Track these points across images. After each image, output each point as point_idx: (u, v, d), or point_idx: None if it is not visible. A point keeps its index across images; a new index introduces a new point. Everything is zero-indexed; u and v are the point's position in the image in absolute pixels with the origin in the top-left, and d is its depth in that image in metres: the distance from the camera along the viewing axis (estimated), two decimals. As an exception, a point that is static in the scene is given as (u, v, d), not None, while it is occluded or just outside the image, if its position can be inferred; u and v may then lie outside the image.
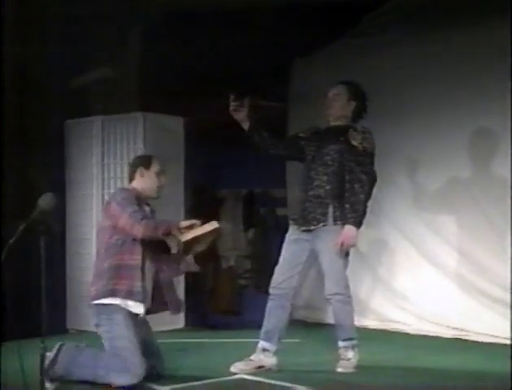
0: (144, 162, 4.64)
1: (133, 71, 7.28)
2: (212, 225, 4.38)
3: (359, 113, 4.84)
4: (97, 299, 4.32)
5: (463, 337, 6.10)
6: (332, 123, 4.84)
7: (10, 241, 3.52)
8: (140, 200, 4.51)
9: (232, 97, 4.71)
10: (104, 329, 4.29)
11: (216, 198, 9.40)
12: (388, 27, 6.85)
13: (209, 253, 9.24)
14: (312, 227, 4.68)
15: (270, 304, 4.78)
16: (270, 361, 4.74)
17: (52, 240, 4.13)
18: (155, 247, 4.40)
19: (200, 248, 4.48)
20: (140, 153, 6.74)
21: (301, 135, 4.95)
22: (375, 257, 6.96)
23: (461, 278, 6.25)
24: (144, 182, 4.57)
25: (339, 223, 4.62)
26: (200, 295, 8.74)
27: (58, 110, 6.73)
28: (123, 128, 6.82)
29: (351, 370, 4.65)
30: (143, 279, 4.36)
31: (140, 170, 4.58)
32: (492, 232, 5.99)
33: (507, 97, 5.81)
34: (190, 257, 4.55)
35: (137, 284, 4.32)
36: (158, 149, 6.88)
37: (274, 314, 4.75)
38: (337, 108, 4.81)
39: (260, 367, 4.69)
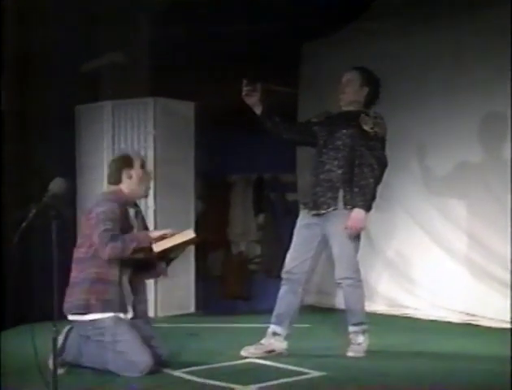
0: (127, 162, 4.44)
1: (144, 56, 7.28)
2: (187, 235, 4.27)
3: (372, 99, 4.84)
4: (75, 312, 4.20)
5: (474, 322, 6.10)
6: (344, 109, 4.83)
7: (22, 225, 3.53)
8: (127, 203, 4.39)
9: (244, 81, 4.70)
10: (100, 340, 4.18)
11: (226, 183, 9.42)
12: (400, 11, 6.81)
13: (219, 238, 9.31)
14: (322, 212, 4.68)
15: (282, 289, 4.78)
16: (280, 345, 4.75)
17: (63, 225, 4.13)
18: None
19: (174, 255, 4.42)
20: (150, 137, 6.77)
21: (314, 120, 4.95)
22: (385, 242, 6.96)
23: (472, 263, 6.24)
24: (133, 183, 4.41)
25: (349, 207, 4.62)
26: (210, 280, 8.77)
27: (68, 95, 6.73)
28: (133, 113, 6.82)
29: (361, 355, 4.66)
30: (121, 291, 4.25)
31: (126, 171, 4.40)
32: (504, 217, 5.97)
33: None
34: (162, 264, 4.43)
35: (115, 298, 4.20)
36: (168, 134, 6.90)
37: (285, 299, 4.76)
38: (350, 93, 4.80)
39: (271, 351, 4.71)
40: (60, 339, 4.14)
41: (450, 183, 6.44)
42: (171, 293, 6.82)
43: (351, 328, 4.73)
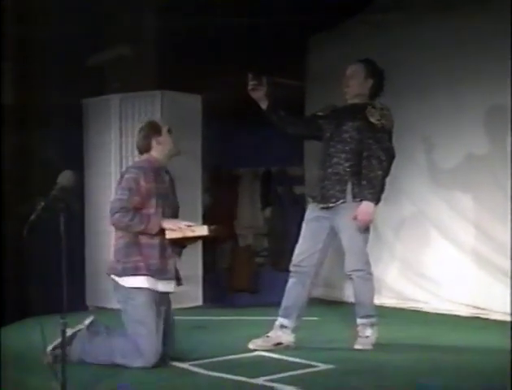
0: (155, 128, 4.49)
1: (151, 49, 7.27)
2: (202, 230, 4.27)
3: (376, 91, 4.83)
4: (121, 276, 4.24)
5: (482, 316, 6.09)
6: (350, 102, 4.83)
7: (31, 218, 3.54)
8: (161, 168, 4.44)
9: (250, 75, 4.69)
10: (125, 309, 4.23)
11: (234, 176, 9.42)
12: (404, 3, 6.80)
13: (227, 231, 9.31)
14: (331, 205, 4.67)
15: (290, 281, 4.78)
16: (288, 338, 4.75)
17: (71, 218, 4.14)
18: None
19: (186, 244, 4.45)
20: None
21: (320, 113, 4.94)
22: (393, 235, 6.96)
23: (480, 256, 6.22)
24: (162, 149, 4.45)
25: (358, 199, 4.62)
26: (218, 273, 8.78)
27: (76, 88, 6.74)
28: (140, 106, 6.83)
29: (369, 348, 4.66)
30: (165, 255, 4.29)
31: (155, 138, 4.43)
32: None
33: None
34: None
35: (157, 262, 4.25)
36: (175, 126, 6.88)
37: (293, 292, 4.76)
38: (355, 86, 4.79)
39: (278, 344, 4.71)
40: (69, 332, 4.09)
41: (457, 175, 6.42)
42: (179, 286, 6.82)
43: (359, 321, 4.72)
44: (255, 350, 4.64)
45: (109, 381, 3.84)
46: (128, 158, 6.86)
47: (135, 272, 4.22)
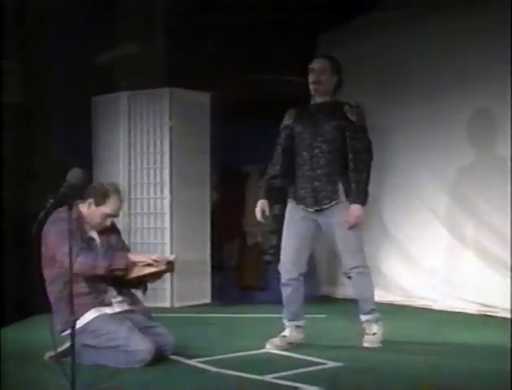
0: (99, 197, 4.27)
1: (160, 47, 7.28)
2: (165, 263, 4.15)
3: (338, 88, 4.78)
4: (64, 330, 4.01)
5: (490, 313, 6.08)
6: (320, 99, 4.75)
7: (40, 215, 3.55)
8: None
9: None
10: (97, 341, 4.11)
11: (242, 174, 9.41)
12: (414, 0, 6.78)
13: (235, 229, 9.31)
14: (325, 207, 4.66)
15: (288, 291, 4.74)
16: (299, 336, 4.77)
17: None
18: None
19: (151, 281, 4.31)
20: (166, 128, 6.78)
21: (289, 122, 4.81)
22: (401, 233, 6.94)
23: (488, 253, 6.21)
24: (90, 214, 4.29)
25: (350, 199, 4.63)
26: (226, 271, 8.78)
27: (85, 86, 6.75)
28: (149, 104, 6.85)
29: (377, 345, 4.66)
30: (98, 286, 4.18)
31: (89, 201, 4.26)
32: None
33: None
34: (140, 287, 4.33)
35: (94, 294, 4.15)
36: (184, 124, 6.91)
37: (295, 298, 4.74)
38: (325, 82, 4.72)
39: (292, 343, 4.71)
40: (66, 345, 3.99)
41: (466, 172, 6.40)
42: (187, 283, 6.85)
43: (364, 317, 4.72)
44: (263, 347, 4.64)
45: (114, 379, 3.84)
46: (136, 156, 6.89)
47: (80, 314, 4.06)
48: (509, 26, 5.77)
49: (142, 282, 4.29)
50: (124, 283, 4.25)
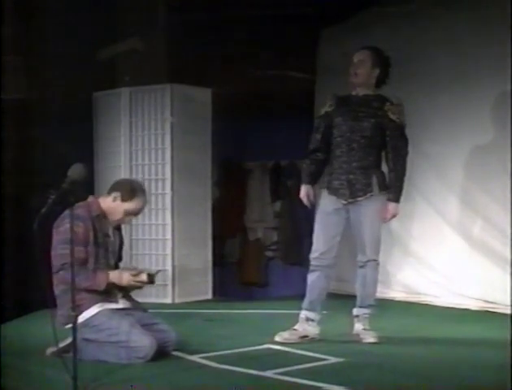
0: (126, 192, 4.22)
1: (161, 43, 7.28)
2: (143, 277, 4.13)
3: (383, 80, 4.78)
4: (67, 323, 3.90)
5: (491, 309, 6.08)
6: (359, 92, 4.77)
7: (42, 211, 3.54)
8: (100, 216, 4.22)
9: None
10: (98, 336, 4.10)
11: (243, 170, 9.41)
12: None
13: (236, 225, 9.32)
14: (359, 199, 4.68)
15: (314, 275, 4.75)
16: (314, 330, 4.75)
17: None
18: None
19: (131, 291, 4.31)
20: (168, 124, 6.78)
21: (329, 109, 4.83)
22: (404, 229, 6.93)
23: (490, 249, 6.21)
24: (112, 208, 4.23)
25: (383, 192, 4.68)
26: (227, 267, 8.80)
27: (86, 82, 6.75)
28: (150, 100, 6.84)
29: (377, 340, 4.65)
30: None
31: (115, 194, 4.22)
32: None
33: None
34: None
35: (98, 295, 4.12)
36: (185, 120, 6.90)
37: (318, 285, 4.75)
38: (363, 75, 4.71)
39: (304, 337, 4.71)
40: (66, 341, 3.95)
41: (469, 169, 6.40)
42: (189, 279, 6.85)
43: (360, 310, 4.74)
44: (264, 343, 4.64)
45: (116, 374, 3.84)
46: (137, 152, 6.88)
47: (84, 309, 4.07)
48: (509, 21, 5.76)
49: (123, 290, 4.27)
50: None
